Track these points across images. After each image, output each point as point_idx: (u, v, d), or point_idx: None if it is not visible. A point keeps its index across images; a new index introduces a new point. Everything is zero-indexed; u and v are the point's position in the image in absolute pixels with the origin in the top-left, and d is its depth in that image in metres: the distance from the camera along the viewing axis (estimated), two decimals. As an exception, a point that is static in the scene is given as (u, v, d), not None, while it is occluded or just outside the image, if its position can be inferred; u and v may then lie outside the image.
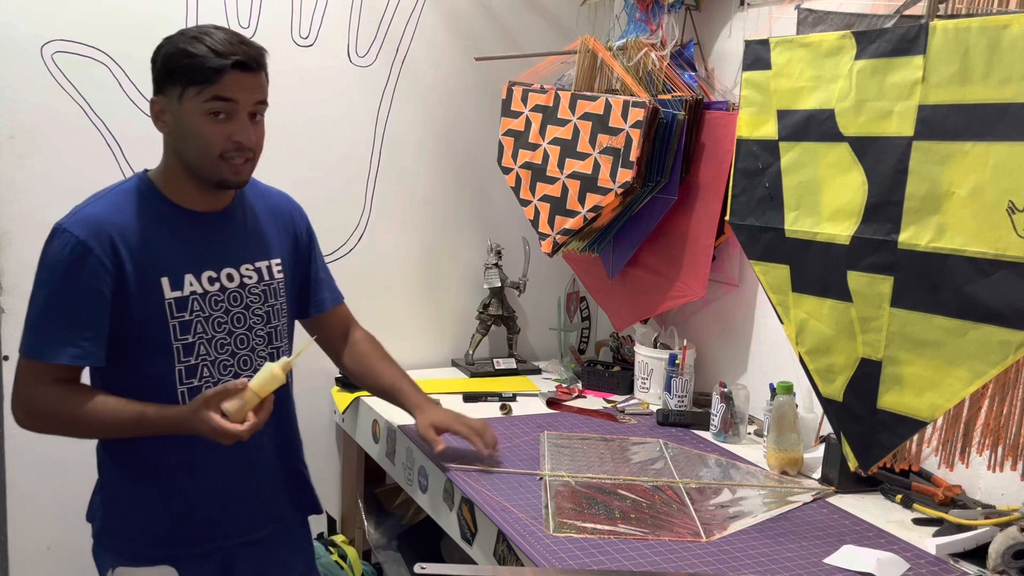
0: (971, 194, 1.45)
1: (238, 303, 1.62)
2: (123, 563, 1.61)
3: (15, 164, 2.19)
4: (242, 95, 1.51)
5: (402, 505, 2.59)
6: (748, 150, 1.86)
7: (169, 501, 1.61)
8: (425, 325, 2.74)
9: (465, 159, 2.70)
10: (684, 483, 1.81)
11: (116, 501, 1.64)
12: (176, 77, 1.49)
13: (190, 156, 1.54)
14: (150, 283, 1.52)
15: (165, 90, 1.52)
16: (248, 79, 1.51)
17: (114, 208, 1.54)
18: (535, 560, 1.46)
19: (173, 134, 1.55)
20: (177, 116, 1.52)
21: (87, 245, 1.49)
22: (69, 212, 1.55)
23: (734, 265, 2.34)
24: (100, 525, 1.67)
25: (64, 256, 1.50)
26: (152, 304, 1.52)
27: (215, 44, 1.48)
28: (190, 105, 1.49)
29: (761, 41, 1.82)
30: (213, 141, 1.50)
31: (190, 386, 1.58)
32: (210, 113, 1.49)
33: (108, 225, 1.51)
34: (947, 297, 1.49)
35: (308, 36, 2.45)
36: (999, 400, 1.69)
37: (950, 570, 1.49)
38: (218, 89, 1.48)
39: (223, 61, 1.47)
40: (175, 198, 1.58)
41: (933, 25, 1.50)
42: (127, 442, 1.59)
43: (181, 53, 1.49)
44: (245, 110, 1.53)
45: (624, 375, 2.50)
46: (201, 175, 1.55)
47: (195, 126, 1.50)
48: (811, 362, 1.76)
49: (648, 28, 2.36)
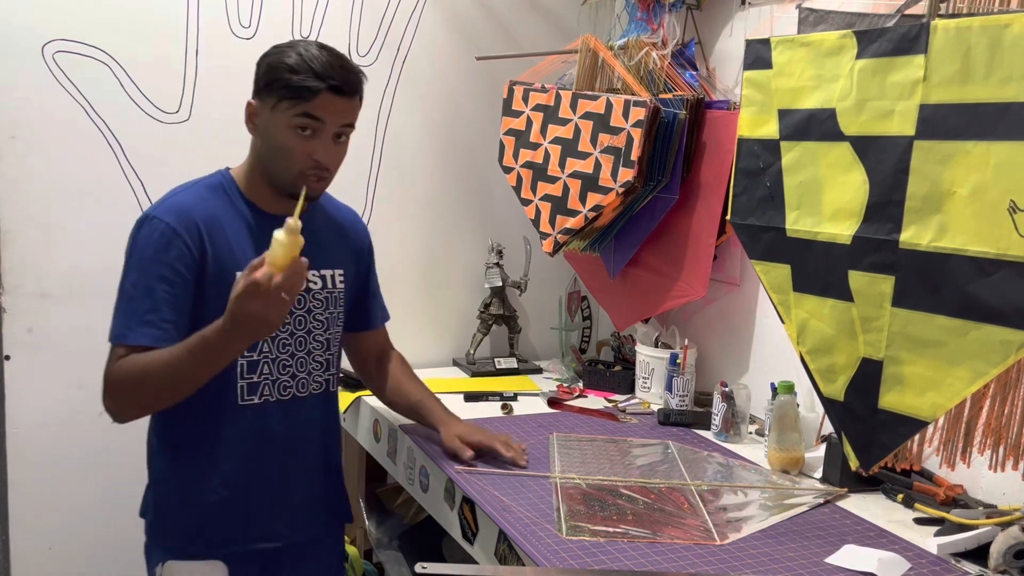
0: (972, 194, 1.45)
1: (302, 306, 1.68)
2: (173, 557, 1.65)
3: (16, 164, 2.19)
4: (331, 117, 1.57)
5: (403, 504, 2.58)
6: (749, 149, 1.85)
7: (218, 497, 1.65)
8: (426, 324, 2.74)
9: (466, 158, 2.70)
10: (695, 485, 1.80)
11: (168, 497, 1.67)
12: (273, 88, 1.57)
13: (271, 164, 1.62)
14: (227, 276, 1.56)
15: (262, 97, 1.60)
16: (340, 103, 1.58)
17: (200, 200, 1.62)
18: (543, 560, 1.46)
19: (260, 139, 1.62)
20: (267, 124, 1.59)
21: (175, 230, 1.55)
22: (155, 203, 1.63)
23: (735, 265, 2.34)
24: (152, 520, 1.70)
25: (153, 240, 1.55)
26: (226, 296, 1.54)
27: (315, 64, 1.55)
28: (281, 117, 1.57)
29: (762, 40, 1.82)
30: (296, 156, 1.58)
31: (249, 381, 1.64)
32: (297, 128, 1.56)
33: (195, 214, 1.58)
34: (948, 297, 1.49)
35: (309, 36, 2.45)
36: (1000, 400, 1.69)
37: (951, 570, 1.49)
38: (309, 107, 1.55)
39: (319, 83, 1.54)
40: (254, 199, 1.66)
41: (934, 24, 1.50)
42: (180, 436, 1.64)
43: (282, 67, 1.56)
44: (331, 131, 1.59)
45: (625, 374, 2.50)
46: (278, 183, 1.62)
47: (282, 138, 1.57)
48: (812, 362, 1.76)
49: (649, 27, 2.36)
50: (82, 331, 2.28)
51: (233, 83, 2.36)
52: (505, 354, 2.72)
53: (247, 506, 1.67)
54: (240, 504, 1.66)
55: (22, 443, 2.26)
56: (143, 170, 2.31)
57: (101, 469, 2.34)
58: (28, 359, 2.25)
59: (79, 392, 2.30)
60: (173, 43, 2.31)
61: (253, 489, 1.67)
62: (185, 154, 2.34)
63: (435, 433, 1.95)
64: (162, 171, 2.32)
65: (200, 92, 2.34)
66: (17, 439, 2.26)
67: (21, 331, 2.24)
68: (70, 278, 2.26)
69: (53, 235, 2.24)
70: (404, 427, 2.09)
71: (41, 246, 2.23)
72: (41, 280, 2.24)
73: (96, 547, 2.36)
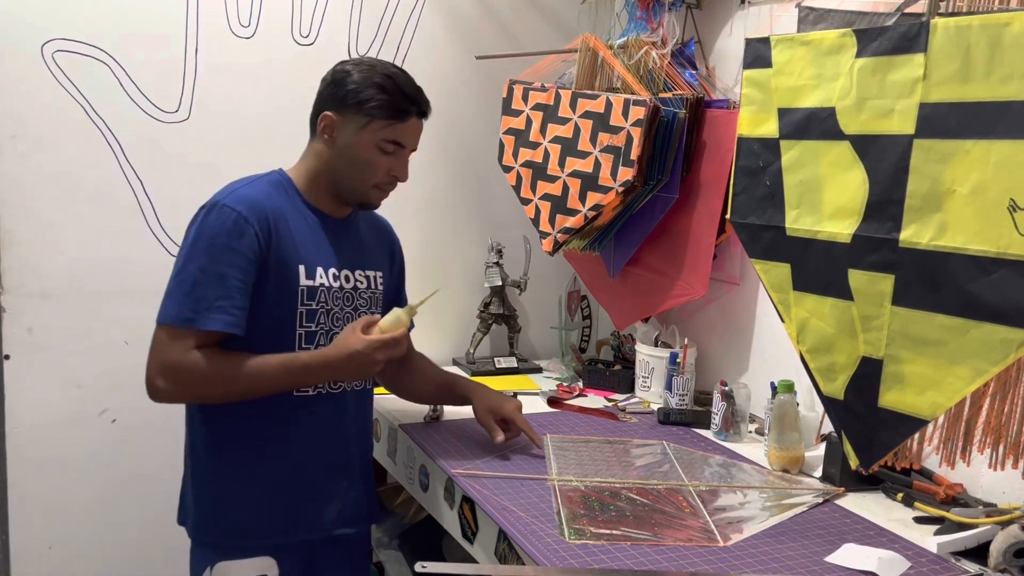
0: (972, 192, 1.45)
1: (350, 303, 1.75)
2: (223, 557, 1.67)
3: (16, 163, 2.19)
4: (412, 139, 1.72)
5: (403, 504, 2.58)
6: (749, 148, 1.85)
7: (272, 490, 1.68)
8: (426, 323, 2.73)
9: (466, 158, 2.70)
10: (694, 486, 1.80)
11: (216, 495, 1.70)
12: (365, 106, 1.65)
13: (346, 175, 1.70)
14: (289, 268, 1.64)
15: (344, 112, 1.67)
16: (420, 126, 1.74)
17: (265, 194, 1.66)
18: (543, 560, 1.46)
19: (336, 151, 1.69)
20: (350, 139, 1.68)
21: (247, 219, 1.59)
22: (219, 193, 1.65)
23: (735, 264, 2.34)
24: (197, 522, 1.72)
25: (225, 227, 1.58)
26: (287, 288, 1.64)
27: (406, 89, 1.68)
28: (369, 136, 1.67)
29: (762, 39, 1.82)
30: (376, 172, 1.69)
31: None
32: (382, 147, 1.67)
33: (263, 205, 1.63)
34: (948, 295, 1.49)
35: (309, 35, 2.45)
36: (1000, 399, 1.69)
37: (951, 568, 1.49)
38: (399, 131, 1.68)
39: (412, 108, 1.68)
40: (313, 201, 1.73)
41: (934, 23, 1.50)
42: (232, 431, 1.67)
43: (374, 86, 1.66)
44: (409, 151, 1.73)
45: (625, 374, 2.50)
46: (347, 193, 1.73)
47: (365, 154, 1.68)
48: (812, 361, 1.76)
49: (649, 26, 2.36)
50: (82, 331, 2.28)
51: (233, 82, 2.37)
52: (505, 353, 2.72)
53: (298, 498, 1.71)
54: (291, 496, 1.70)
55: (22, 443, 2.26)
56: (143, 169, 2.31)
57: (101, 468, 2.35)
58: (28, 359, 2.25)
59: (79, 392, 2.30)
60: (173, 42, 2.31)
61: (303, 481, 1.71)
62: (185, 153, 2.34)
63: (434, 436, 1.99)
64: (162, 170, 2.33)
65: (200, 91, 2.34)
66: (17, 439, 2.26)
67: (21, 331, 2.24)
68: (70, 277, 2.26)
69: (53, 234, 2.24)
70: (404, 426, 2.09)
71: (41, 245, 2.23)
72: (41, 279, 2.24)
73: (96, 546, 2.36)
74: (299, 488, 1.71)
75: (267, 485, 1.69)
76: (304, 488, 1.72)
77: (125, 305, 2.30)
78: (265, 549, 1.69)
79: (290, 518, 1.71)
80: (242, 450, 1.68)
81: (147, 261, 2.31)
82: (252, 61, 2.39)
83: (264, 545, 1.69)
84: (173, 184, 2.33)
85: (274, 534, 1.69)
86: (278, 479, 1.69)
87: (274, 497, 1.69)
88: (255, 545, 1.68)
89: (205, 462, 1.71)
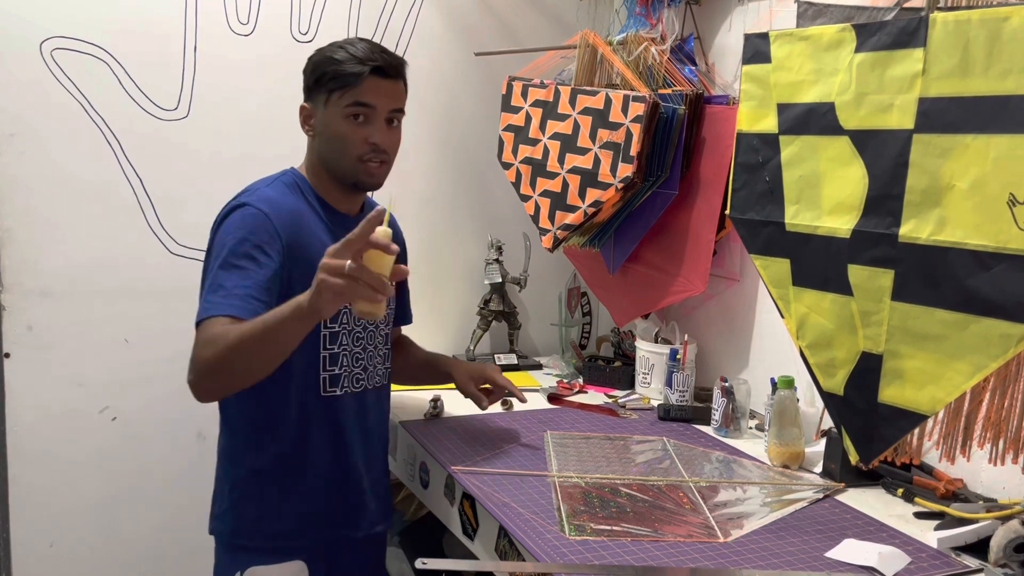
0: (972, 187, 1.45)
1: None
2: (255, 562, 1.67)
3: (16, 161, 2.19)
4: (380, 100, 1.65)
5: (404, 501, 2.58)
6: (748, 144, 1.85)
7: (306, 491, 1.69)
8: (426, 321, 2.73)
9: (465, 154, 2.70)
10: (694, 482, 1.80)
11: (251, 500, 1.69)
12: (322, 83, 1.64)
13: (331, 156, 1.68)
14: (311, 268, 1.55)
15: (313, 97, 1.68)
16: (386, 85, 1.65)
17: (284, 196, 1.67)
18: (544, 557, 1.46)
19: (318, 138, 1.69)
20: (321, 120, 1.67)
21: (269, 217, 1.60)
22: (240, 195, 1.66)
23: (735, 259, 2.34)
24: (230, 528, 1.72)
25: (247, 223, 1.59)
26: (299, 288, 1.54)
27: (357, 52, 1.64)
28: (333, 110, 1.64)
29: (761, 35, 1.82)
30: (352, 142, 1.64)
31: (331, 373, 1.70)
32: (350, 116, 1.63)
33: (285, 205, 1.64)
34: (948, 291, 1.49)
35: (308, 32, 2.44)
36: (1000, 393, 1.69)
37: (951, 563, 1.49)
38: (358, 93, 1.62)
39: (363, 67, 1.62)
40: (323, 195, 1.72)
41: (933, 17, 1.50)
42: (266, 435, 1.67)
43: (326, 60, 1.65)
44: (382, 115, 1.66)
45: (625, 370, 2.50)
46: (340, 175, 1.69)
47: (337, 128, 1.65)
48: (812, 356, 1.76)
49: (648, 22, 2.36)
50: (82, 328, 2.28)
51: (232, 80, 2.37)
52: (505, 350, 2.72)
53: (329, 500, 1.72)
54: (323, 497, 1.71)
55: (22, 440, 2.26)
56: (142, 167, 2.31)
57: (101, 466, 2.35)
58: (28, 357, 2.25)
59: (79, 389, 2.30)
60: (171, 40, 2.30)
61: (335, 482, 1.72)
62: (184, 151, 2.34)
63: (435, 433, 2.00)
64: (161, 168, 2.33)
65: (199, 89, 2.34)
66: (17, 436, 2.26)
67: (21, 328, 2.24)
68: (70, 275, 2.26)
69: (52, 232, 2.24)
70: (404, 424, 2.09)
71: (40, 243, 2.23)
72: (41, 277, 2.24)
73: (97, 544, 2.36)
74: (332, 489, 1.72)
75: (304, 486, 1.69)
76: (336, 489, 1.73)
77: (125, 302, 2.30)
78: (298, 551, 1.69)
79: (323, 521, 1.72)
80: (280, 454, 1.68)
81: (146, 258, 2.31)
82: (251, 58, 2.38)
83: (297, 547, 1.69)
84: (172, 181, 2.33)
85: (306, 537, 1.70)
86: (315, 480, 1.70)
87: (310, 499, 1.70)
88: (291, 547, 1.69)
89: (239, 471, 1.71)
